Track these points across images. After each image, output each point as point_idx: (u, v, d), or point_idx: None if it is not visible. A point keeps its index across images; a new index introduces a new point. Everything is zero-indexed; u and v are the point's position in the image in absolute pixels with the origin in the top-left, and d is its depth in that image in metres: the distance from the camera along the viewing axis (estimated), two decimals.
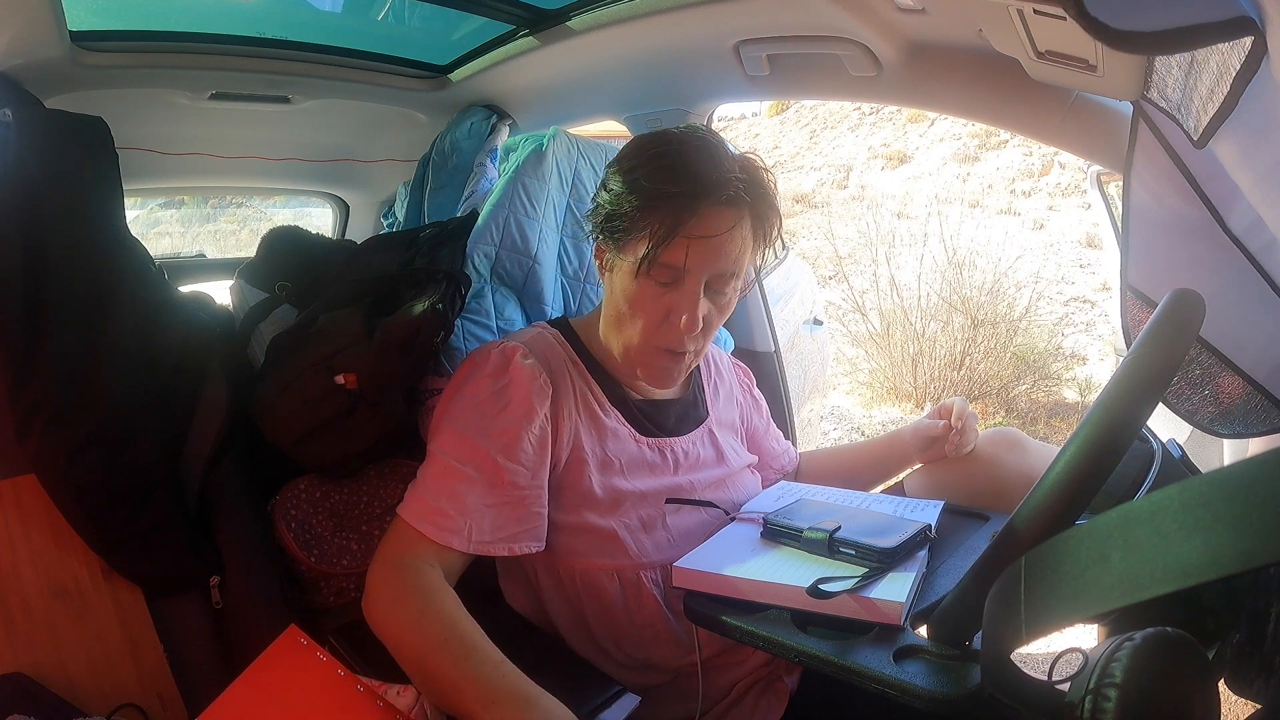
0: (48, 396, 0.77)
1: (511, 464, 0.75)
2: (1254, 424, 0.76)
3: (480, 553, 0.74)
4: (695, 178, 0.74)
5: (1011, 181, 7.44)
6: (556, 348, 0.86)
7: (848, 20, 0.91)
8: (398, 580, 0.70)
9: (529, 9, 1.13)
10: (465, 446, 0.76)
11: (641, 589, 0.78)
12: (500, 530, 0.74)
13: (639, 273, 0.76)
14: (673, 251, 0.74)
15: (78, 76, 1.03)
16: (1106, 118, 0.87)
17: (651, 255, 0.74)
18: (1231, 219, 0.68)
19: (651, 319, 0.78)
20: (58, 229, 0.81)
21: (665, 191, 0.74)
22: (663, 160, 0.76)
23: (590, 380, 0.85)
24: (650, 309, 0.78)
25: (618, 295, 0.80)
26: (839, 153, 8.73)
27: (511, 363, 0.79)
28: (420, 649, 0.65)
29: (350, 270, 1.05)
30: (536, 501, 0.77)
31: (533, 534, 0.76)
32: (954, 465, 0.96)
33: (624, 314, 0.80)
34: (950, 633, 0.58)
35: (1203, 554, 0.30)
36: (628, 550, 0.78)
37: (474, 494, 0.74)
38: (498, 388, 0.78)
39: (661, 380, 0.83)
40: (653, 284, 0.77)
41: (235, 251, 4.12)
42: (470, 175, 1.25)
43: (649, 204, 0.74)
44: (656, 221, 0.74)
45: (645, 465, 0.84)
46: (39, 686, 0.71)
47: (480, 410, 0.77)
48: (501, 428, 0.76)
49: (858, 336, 4.69)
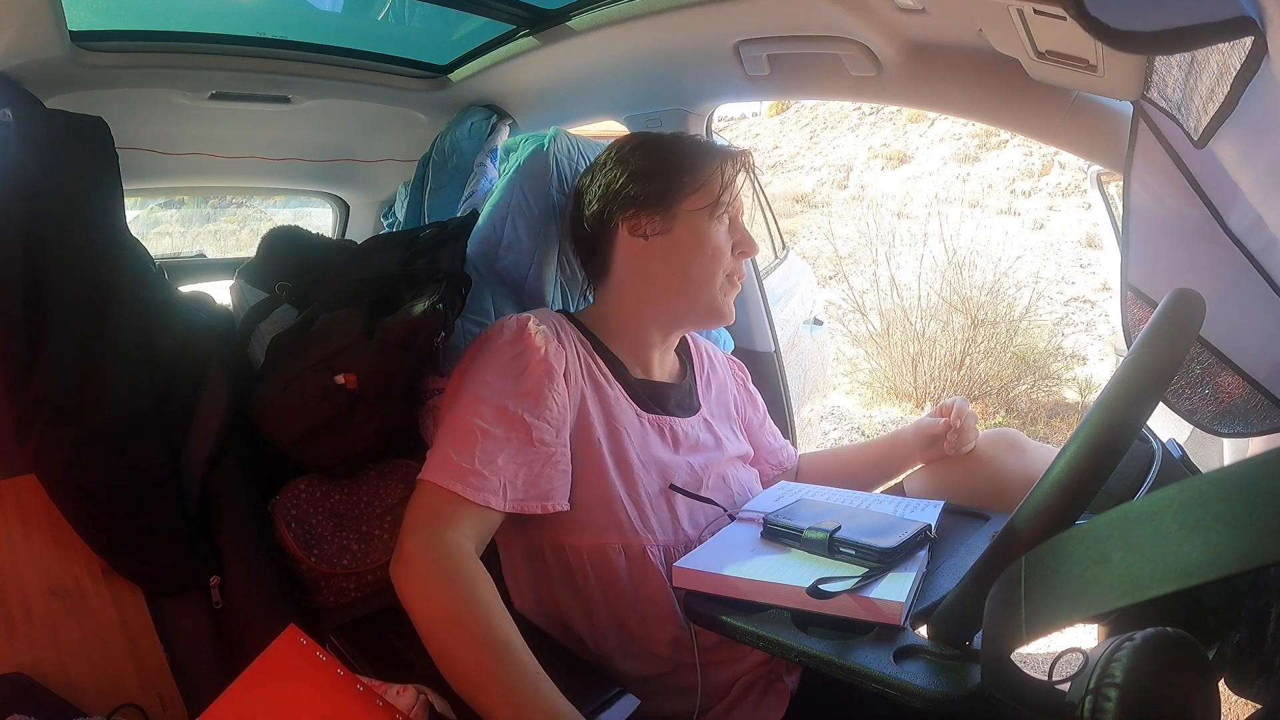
0: (48, 396, 0.77)
1: (539, 421, 0.76)
2: (1254, 424, 0.76)
3: (516, 510, 0.73)
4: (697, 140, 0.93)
5: (1011, 181, 7.44)
6: (563, 321, 0.88)
7: (848, 20, 0.91)
8: (439, 565, 0.67)
9: (529, 9, 1.13)
10: (491, 408, 0.75)
11: (647, 564, 0.78)
12: (533, 488, 0.74)
13: (712, 216, 0.88)
14: (734, 189, 0.90)
15: (78, 76, 1.03)
16: (1106, 118, 0.87)
17: (728, 190, 0.88)
18: (1231, 219, 0.68)
19: (724, 255, 0.89)
20: (58, 229, 0.81)
21: (702, 149, 0.90)
22: (666, 135, 0.93)
23: (595, 354, 0.87)
24: (721, 244, 0.89)
25: (684, 248, 0.88)
26: (839, 153, 8.73)
27: (525, 329, 0.81)
28: (456, 644, 0.64)
29: (350, 270, 1.05)
30: (563, 459, 0.78)
31: (562, 491, 0.77)
32: (954, 465, 0.96)
33: (696, 261, 0.88)
34: (950, 633, 0.58)
35: (1203, 554, 0.30)
36: (634, 523, 0.79)
37: (505, 453, 0.73)
38: (515, 352, 0.80)
39: (730, 310, 0.92)
40: (719, 225, 0.89)
41: (235, 251, 4.11)
42: (470, 175, 1.25)
43: (701, 155, 0.89)
44: (716, 167, 0.88)
45: (649, 438, 0.85)
46: (39, 686, 0.71)
47: (502, 373, 0.78)
48: (525, 388, 0.77)
49: (858, 336, 4.69)
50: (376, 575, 0.92)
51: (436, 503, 0.71)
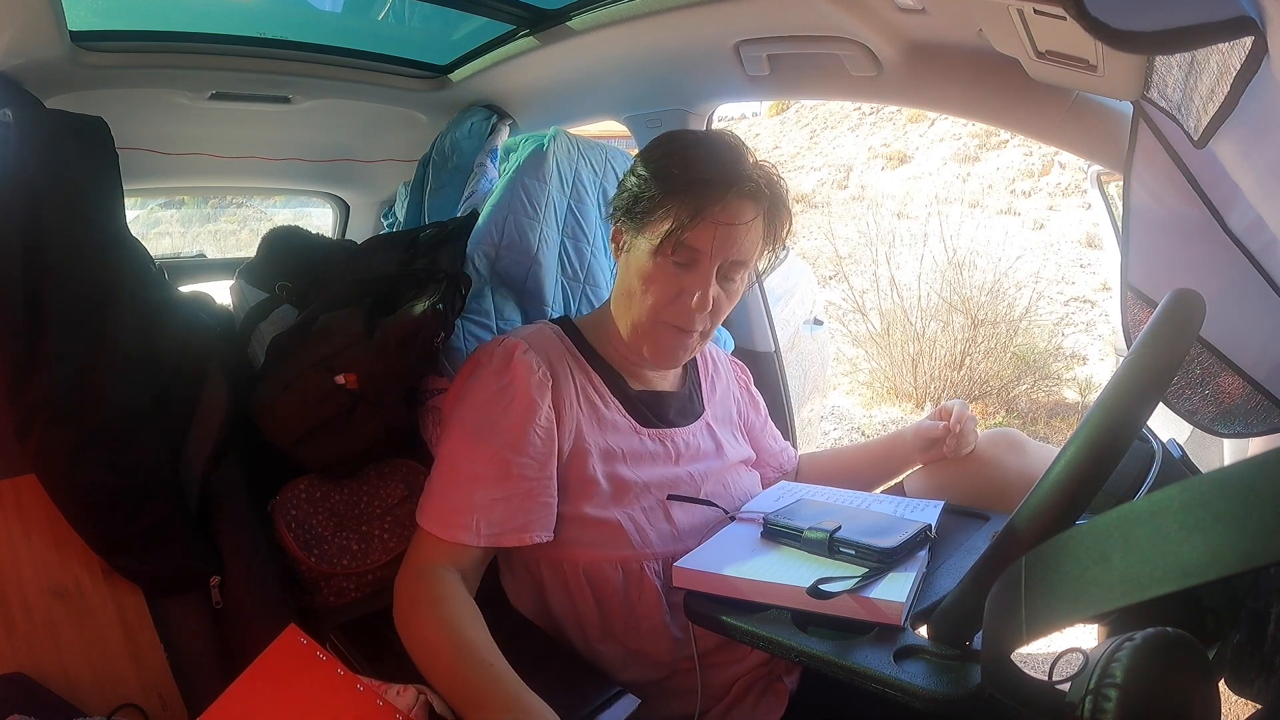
0: (48, 397, 0.77)
1: (520, 458, 0.77)
2: (1254, 424, 0.76)
3: (491, 544, 0.75)
4: (723, 167, 0.79)
5: (1011, 181, 7.44)
6: (556, 342, 0.87)
7: (848, 20, 0.91)
8: (412, 589, 0.73)
9: (529, 9, 1.13)
10: (473, 446, 0.78)
11: (644, 580, 0.78)
12: (510, 521, 0.76)
13: (658, 251, 0.80)
14: (697, 233, 0.78)
15: (78, 76, 1.03)
16: (1107, 118, 0.87)
17: (676, 235, 0.78)
18: (1231, 219, 0.68)
19: (664, 296, 0.81)
20: (58, 229, 0.81)
21: (695, 177, 0.78)
22: (693, 150, 0.81)
23: (591, 373, 0.87)
24: (664, 286, 0.81)
25: (632, 273, 0.84)
26: (839, 153, 8.72)
27: (512, 358, 0.81)
28: (427, 657, 0.68)
29: (350, 270, 1.05)
30: (546, 492, 0.78)
31: (543, 523, 0.77)
32: (954, 465, 0.96)
33: (636, 290, 0.83)
34: (950, 633, 0.58)
35: (1203, 554, 0.30)
36: (632, 541, 0.79)
37: (482, 490, 0.76)
38: (501, 385, 0.80)
39: (666, 357, 0.85)
40: (669, 263, 0.80)
41: (235, 251, 4.12)
42: (470, 175, 1.25)
43: (678, 188, 0.79)
44: (683, 204, 0.78)
45: (647, 456, 0.85)
46: (39, 686, 0.71)
47: (486, 409, 0.79)
48: (507, 424, 0.78)
49: (858, 336, 4.69)
50: (376, 575, 0.92)
51: (421, 546, 0.77)
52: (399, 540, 0.93)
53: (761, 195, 0.81)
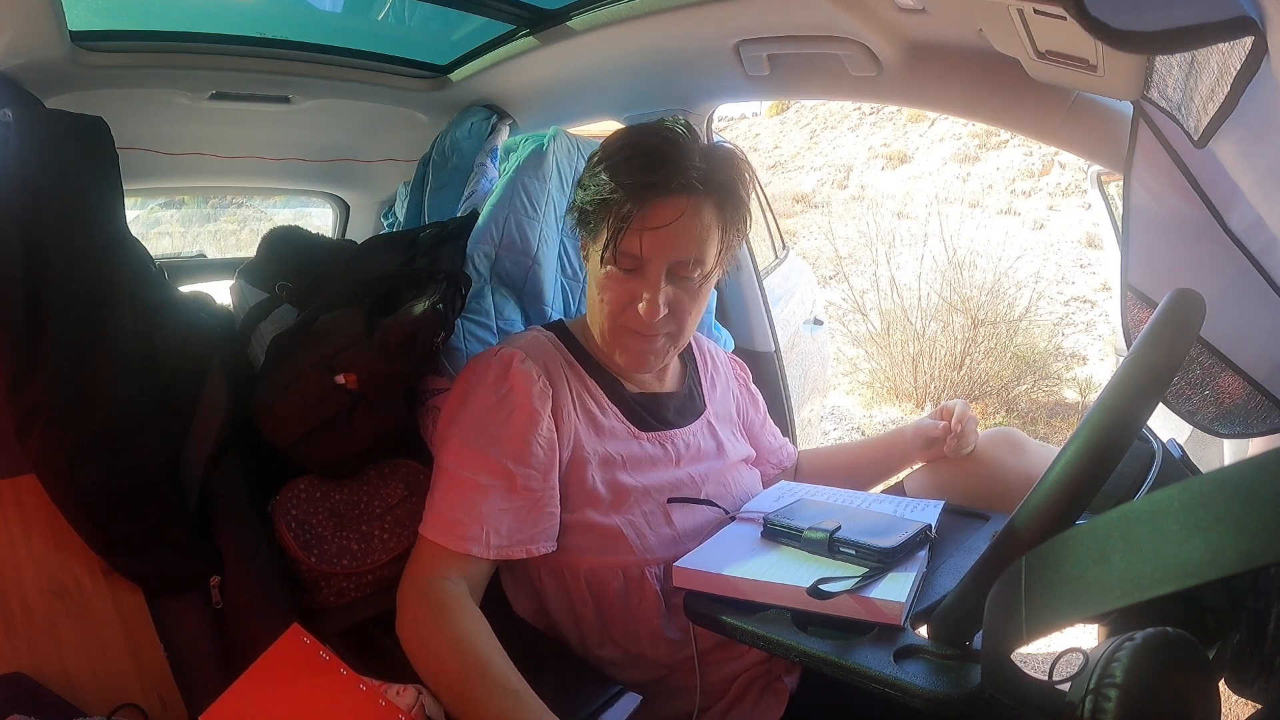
0: (48, 397, 0.77)
1: (524, 469, 0.76)
2: (1254, 424, 0.76)
3: (500, 557, 0.75)
4: (649, 169, 0.77)
5: (1011, 181, 7.44)
6: (553, 351, 0.87)
7: (848, 20, 0.91)
8: (416, 599, 0.72)
9: (529, 9, 1.13)
10: (476, 457, 0.77)
11: (644, 584, 0.78)
12: (518, 533, 0.75)
13: (604, 260, 0.79)
14: (629, 240, 0.77)
15: (78, 76, 1.03)
16: (1107, 118, 0.87)
17: (612, 244, 0.77)
18: (1231, 219, 0.68)
19: (616, 303, 0.81)
20: (58, 229, 0.81)
21: (621, 184, 0.77)
22: (623, 153, 0.80)
23: (587, 380, 0.86)
24: (616, 294, 0.81)
25: (592, 282, 0.84)
26: (839, 153, 8.72)
27: (511, 369, 0.81)
28: (434, 670, 0.67)
29: (351, 270, 1.05)
30: (550, 502, 0.78)
31: (547, 534, 0.77)
32: (954, 465, 0.96)
33: (596, 299, 0.83)
34: (950, 633, 0.58)
35: (1203, 554, 0.30)
36: (632, 547, 0.79)
37: (489, 501, 0.75)
38: (500, 395, 0.80)
39: (637, 362, 0.85)
40: (618, 271, 0.80)
41: (235, 251, 4.11)
42: (470, 175, 1.25)
43: (608, 196, 0.77)
44: (613, 212, 0.77)
45: (647, 460, 0.85)
46: (39, 686, 0.71)
47: (486, 420, 0.79)
48: (510, 434, 0.77)
49: (858, 336, 4.69)
50: (377, 575, 0.92)
51: (425, 554, 0.75)
52: (399, 540, 0.93)
53: (694, 189, 0.77)
